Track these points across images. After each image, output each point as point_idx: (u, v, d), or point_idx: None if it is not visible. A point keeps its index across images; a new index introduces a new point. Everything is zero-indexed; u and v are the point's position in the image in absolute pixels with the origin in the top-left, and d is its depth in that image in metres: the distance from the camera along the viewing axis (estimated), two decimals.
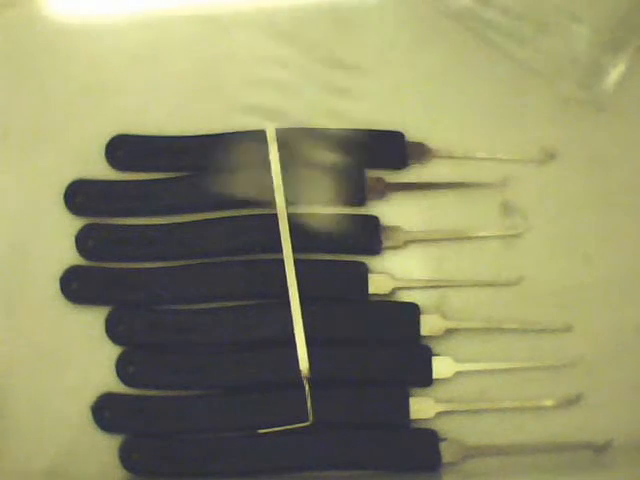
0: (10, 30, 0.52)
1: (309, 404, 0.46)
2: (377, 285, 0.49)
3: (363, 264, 0.49)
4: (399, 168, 0.50)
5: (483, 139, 0.51)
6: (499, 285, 0.49)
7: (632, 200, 0.50)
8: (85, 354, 0.49)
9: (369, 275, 0.49)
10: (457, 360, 0.48)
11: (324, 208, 0.50)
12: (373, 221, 0.50)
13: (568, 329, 0.49)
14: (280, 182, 0.48)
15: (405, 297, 0.49)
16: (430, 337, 0.48)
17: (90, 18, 0.52)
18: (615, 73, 0.50)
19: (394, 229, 0.50)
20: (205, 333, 0.48)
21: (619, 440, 0.48)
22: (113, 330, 0.48)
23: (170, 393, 0.48)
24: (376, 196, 0.50)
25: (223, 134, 0.50)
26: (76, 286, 0.49)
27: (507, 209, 0.50)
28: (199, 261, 0.49)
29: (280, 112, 0.50)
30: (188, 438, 0.48)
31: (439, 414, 0.47)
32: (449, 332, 0.48)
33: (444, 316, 0.48)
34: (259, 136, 0.49)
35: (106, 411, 0.48)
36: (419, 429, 0.48)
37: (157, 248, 0.49)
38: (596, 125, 0.51)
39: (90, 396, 0.48)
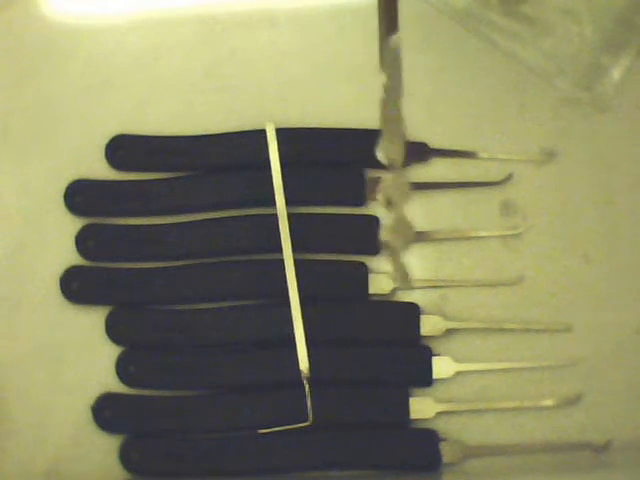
0: (10, 30, 0.52)
1: (309, 404, 0.46)
2: (377, 285, 0.49)
3: (363, 264, 0.49)
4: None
5: (483, 139, 0.51)
6: (499, 285, 0.49)
7: (632, 200, 0.50)
8: (85, 354, 0.49)
9: (369, 275, 0.49)
10: (457, 360, 0.48)
11: (324, 208, 0.50)
12: (373, 221, 0.50)
13: (568, 329, 0.49)
14: (280, 182, 0.48)
15: (405, 297, 0.49)
16: (430, 337, 0.48)
17: (90, 18, 0.52)
18: (615, 73, 0.50)
19: None
20: (205, 333, 0.48)
21: (619, 440, 0.48)
22: (113, 330, 0.48)
23: (170, 393, 0.48)
24: (376, 196, 0.50)
25: (223, 134, 0.50)
26: (76, 286, 0.49)
27: (507, 209, 0.50)
28: (199, 261, 0.49)
29: (280, 112, 0.50)
30: (188, 438, 0.48)
31: (439, 414, 0.47)
32: (449, 332, 0.48)
33: (444, 316, 0.48)
34: (259, 136, 0.49)
35: (106, 411, 0.48)
36: (419, 429, 0.48)
37: (157, 248, 0.49)
38: (596, 125, 0.51)
39: (90, 396, 0.48)
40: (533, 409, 0.48)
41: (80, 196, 0.50)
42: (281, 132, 0.49)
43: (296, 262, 0.47)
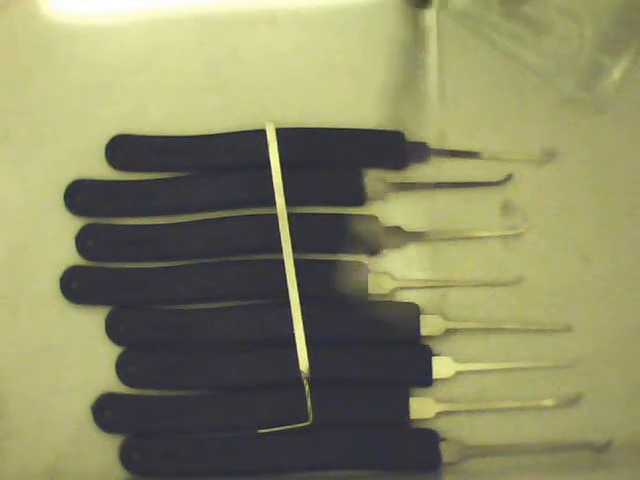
0: (10, 30, 0.52)
1: (309, 404, 0.46)
2: (377, 285, 0.49)
3: (363, 264, 0.49)
4: (399, 168, 0.50)
5: (483, 139, 0.51)
6: (499, 285, 0.49)
7: (632, 200, 0.50)
8: (85, 354, 0.49)
9: (369, 275, 0.49)
10: (457, 360, 0.48)
11: (324, 208, 0.50)
12: (373, 221, 0.50)
13: (568, 329, 0.49)
14: (280, 182, 0.48)
15: (405, 297, 0.49)
16: (430, 337, 0.48)
17: (90, 18, 0.52)
18: (615, 73, 0.50)
19: (394, 229, 0.50)
20: (205, 333, 0.48)
21: (619, 440, 0.48)
22: (113, 330, 0.48)
23: (170, 393, 0.48)
24: (376, 196, 0.50)
25: (223, 134, 0.50)
26: (76, 286, 0.49)
27: (507, 209, 0.50)
28: (199, 261, 0.49)
29: (280, 112, 0.50)
30: (188, 438, 0.48)
31: (439, 414, 0.47)
32: (449, 332, 0.48)
33: (444, 316, 0.48)
34: (259, 136, 0.49)
35: (106, 411, 0.48)
36: (419, 429, 0.48)
37: (157, 248, 0.49)
38: (596, 125, 0.51)
39: (90, 396, 0.48)
40: (533, 409, 0.48)
41: (80, 196, 0.50)
42: (281, 132, 0.49)
43: (296, 262, 0.47)
